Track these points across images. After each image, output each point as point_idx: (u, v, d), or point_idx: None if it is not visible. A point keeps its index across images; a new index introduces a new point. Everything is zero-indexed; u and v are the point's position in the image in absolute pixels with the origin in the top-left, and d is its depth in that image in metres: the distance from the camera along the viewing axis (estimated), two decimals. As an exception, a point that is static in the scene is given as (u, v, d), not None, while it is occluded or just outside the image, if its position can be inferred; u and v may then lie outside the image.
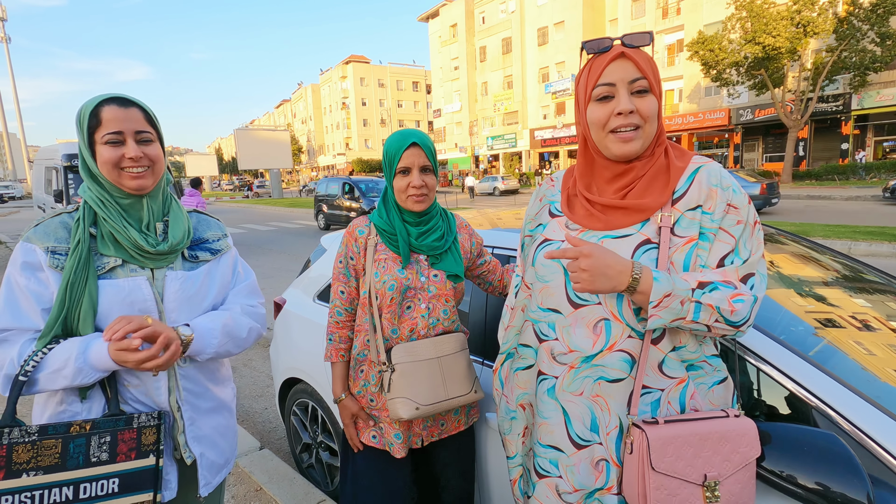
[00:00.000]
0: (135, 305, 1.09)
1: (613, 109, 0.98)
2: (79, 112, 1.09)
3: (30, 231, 1.07)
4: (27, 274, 1.05)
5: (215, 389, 1.25)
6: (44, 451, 0.98)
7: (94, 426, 1.04)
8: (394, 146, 1.40)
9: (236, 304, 1.28)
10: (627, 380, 0.99)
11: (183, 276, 1.17)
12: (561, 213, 1.13)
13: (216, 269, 1.25)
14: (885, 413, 1.02)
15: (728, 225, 0.97)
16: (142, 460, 1.06)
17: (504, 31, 40.58)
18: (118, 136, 1.08)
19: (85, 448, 1.02)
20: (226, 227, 1.36)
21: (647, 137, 0.99)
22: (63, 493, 0.99)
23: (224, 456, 1.27)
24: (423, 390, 1.38)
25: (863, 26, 19.05)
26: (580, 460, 1.03)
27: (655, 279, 0.90)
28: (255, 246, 12.14)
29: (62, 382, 1.02)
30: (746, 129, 26.93)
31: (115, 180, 1.10)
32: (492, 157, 43.38)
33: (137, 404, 1.11)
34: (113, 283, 1.08)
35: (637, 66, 0.97)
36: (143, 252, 1.11)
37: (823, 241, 8.03)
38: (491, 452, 1.57)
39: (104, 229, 1.10)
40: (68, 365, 1.01)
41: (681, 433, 0.94)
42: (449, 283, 1.46)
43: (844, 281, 1.85)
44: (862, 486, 0.90)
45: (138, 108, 1.11)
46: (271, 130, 37.46)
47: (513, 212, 2.59)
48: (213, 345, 1.17)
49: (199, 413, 1.20)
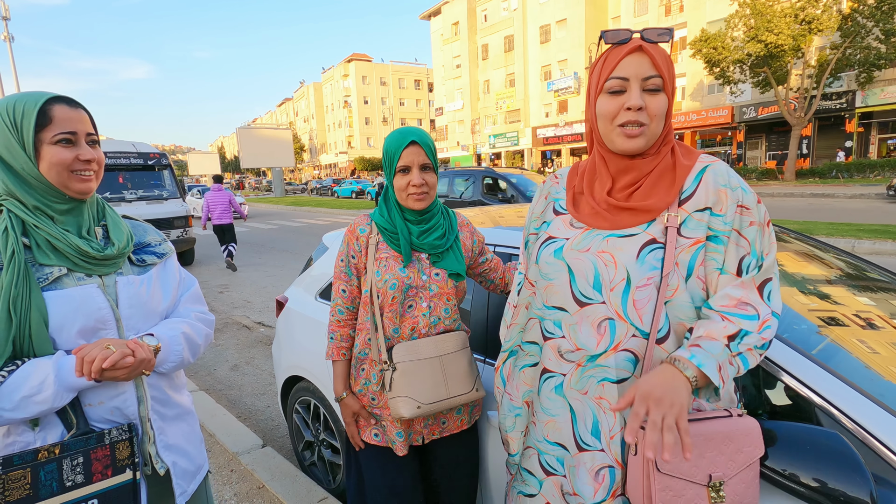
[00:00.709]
0: (90, 315, 1.02)
1: (623, 104, 0.97)
2: (13, 108, 0.99)
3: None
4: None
5: (176, 396, 1.22)
6: (11, 484, 0.90)
7: (64, 448, 0.97)
8: (393, 145, 1.39)
9: (189, 312, 1.25)
10: (632, 379, 0.98)
11: (136, 281, 1.12)
12: (565, 211, 1.12)
13: (164, 272, 1.21)
14: (889, 411, 1.02)
15: (742, 227, 0.96)
16: (118, 476, 1.02)
17: (506, 28, 40.49)
18: (72, 137, 1.02)
19: (57, 473, 0.95)
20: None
21: (651, 136, 0.99)
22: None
23: (195, 463, 1.24)
24: (424, 389, 1.38)
25: (867, 23, 18.94)
26: (580, 464, 1.03)
27: (701, 365, 0.89)
28: (255, 245, 12.16)
29: (36, 409, 0.94)
30: (749, 127, 26.83)
31: (61, 183, 1.02)
32: (494, 155, 43.32)
33: (102, 423, 1.05)
34: (62, 294, 1.00)
35: (653, 62, 0.96)
36: (89, 258, 1.04)
37: (827, 239, 8.00)
38: (492, 451, 1.57)
39: (38, 237, 1.01)
40: (44, 389, 0.94)
41: None
42: (450, 281, 1.46)
43: (848, 279, 1.84)
44: (865, 485, 0.89)
45: (84, 110, 1.06)
46: (273, 129, 37.46)
47: (515, 210, 2.58)
48: (178, 352, 1.14)
49: (167, 421, 1.16)
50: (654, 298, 0.96)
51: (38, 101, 1.00)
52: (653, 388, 0.87)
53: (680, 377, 0.89)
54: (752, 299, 0.94)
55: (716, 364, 0.89)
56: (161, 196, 9.28)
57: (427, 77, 64.69)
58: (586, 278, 1.01)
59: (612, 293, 0.98)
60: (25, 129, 0.98)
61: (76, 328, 1.01)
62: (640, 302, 0.97)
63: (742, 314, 0.93)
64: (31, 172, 1.00)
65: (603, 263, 1.00)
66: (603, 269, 1.00)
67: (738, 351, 0.92)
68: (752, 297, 0.95)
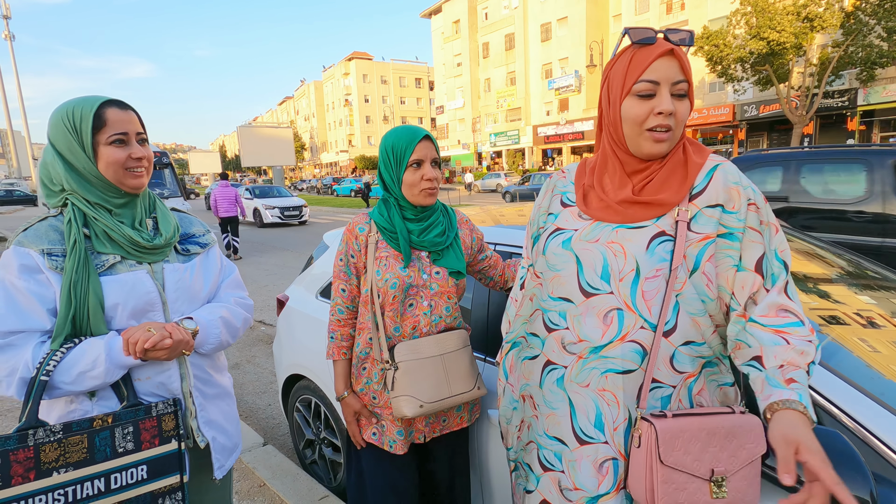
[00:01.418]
0: (140, 298, 1.13)
1: (654, 108, 0.95)
2: (72, 113, 1.09)
3: (20, 235, 1.08)
4: (26, 276, 1.05)
5: (217, 377, 1.32)
6: (71, 447, 1.01)
7: (116, 418, 1.07)
8: (403, 140, 1.38)
9: (229, 297, 1.34)
10: (638, 371, 0.98)
11: (180, 268, 1.22)
12: (573, 203, 1.12)
13: (206, 261, 1.31)
14: (889, 410, 1.02)
15: (754, 224, 0.97)
16: (165, 446, 1.11)
17: (507, 27, 40.43)
18: (124, 137, 1.12)
19: (111, 440, 1.05)
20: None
21: (674, 140, 0.99)
22: (95, 486, 1.02)
23: (232, 440, 1.34)
24: (426, 388, 1.38)
25: (870, 21, 18.87)
26: (581, 457, 1.03)
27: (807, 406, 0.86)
28: (256, 244, 12.16)
29: (91, 383, 1.05)
30: (751, 125, 26.78)
31: (117, 180, 1.13)
32: (495, 153, 43.29)
33: (150, 397, 1.15)
34: (116, 279, 1.11)
35: (682, 66, 0.95)
36: (140, 247, 1.15)
37: (828, 237, 7.98)
38: (492, 448, 1.57)
39: (97, 228, 1.12)
40: (97, 366, 1.04)
41: (689, 427, 0.94)
42: (451, 279, 1.45)
43: (849, 277, 1.84)
44: (865, 483, 0.89)
45: (133, 111, 1.16)
46: (274, 127, 37.43)
47: (515, 208, 2.58)
48: (216, 335, 1.23)
49: (207, 399, 1.26)
50: (662, 290, 0.97)
51: (94, 106, 1.10)
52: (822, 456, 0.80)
53: (807, 421, 0.85)
54: (790, 306, 0.95)
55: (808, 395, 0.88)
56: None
57: (428, 75, 64.66)
58: (594, 269, 1.01)
59: (622, 283, 0.98)
60: (84, 132, 1.09)
61: (128, 309, 1.11)
62: (650, 293, 0.97)
63: (790, 322, 0.93)
64: (91, 171, 1.11)
65: (612, 254, 1.00)
66: (612, 260, 1.00)
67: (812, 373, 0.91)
68: (788, 303, 0.95)
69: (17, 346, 1.04)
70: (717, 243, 0.97)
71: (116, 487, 1.04)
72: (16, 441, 0.96)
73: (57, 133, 1.10)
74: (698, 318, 0.98)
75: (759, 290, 0.96)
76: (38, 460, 0.97)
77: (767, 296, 0.95)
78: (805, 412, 0.85)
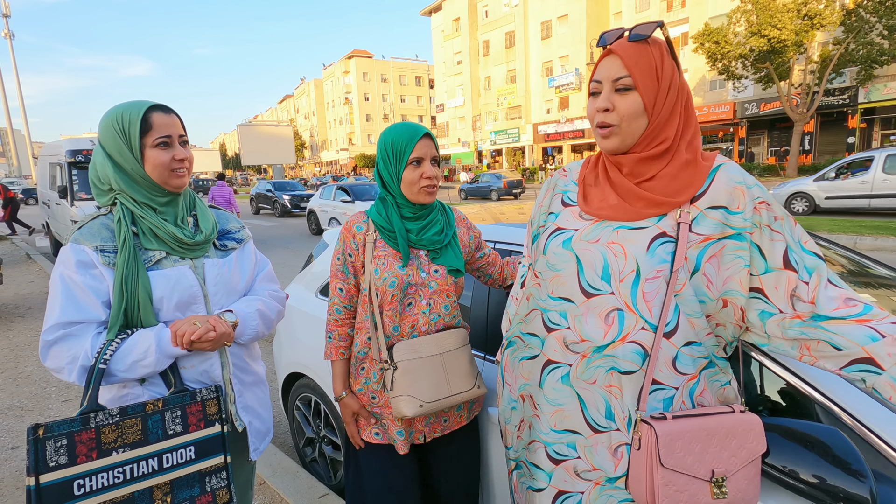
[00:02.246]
0: (184, 291, 1.21)
1: (596, 105, 1.02)
2: (121, 117, 1.17)
3: (76, 233, 1.16)
4: (82, 271, 1.13)
5: (253, 365, 1.40)
6: (127, 429, 1.10)
7: (166, 403, 1.15)
8: (403, 138, 1.37)
9: (264, 290, 1.41)
10: (639, 373, 0.98)
11: (219, 263, 1.31)
12: (574, 203, 1.12)
13: (243, 256, 1.39)
14: (889, 408, 1.02)
15: (769, 222, 0.95)
16: (210, 429, 1.20)
17: (507, 24, 40.37)
18: (168, 140, 1.20)
19: (161, 423, 1.14)
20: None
21: (627, 135, 0.99)
22: (149, 465, 1.11)
23: (266, 425, 1.42)
24: (426, 387, 1.37)
25: (870, 18, 18.83)
26: (598, 443, 1.03)
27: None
28: (258, 242, 12.18)
29: (143, 371, 1.14)
30: (751, 123, 26.76)
31: (162, 181, 1.21)
32: (495, 151, 43.26)
33: (194, 383, 1.24)
34: (162, 274, 1.19)
35: (623, 62, 0.97)
36: (182, 244, 1.23)
37: (829, 236, 7.99)
38: (493, 447, 1.57)
39: (143, 226, 1.20)
40: (149, 356, 1.13)
41: (689, 428, 0.93)
42: (450, 277, 1.45)
43: (850, 276, 1.83)
44: (865, 482, 0.89)
45: (176, 115, 1.23)
46: (274, 126, 37.41)
47: (516, 206, 2.58)
48: (254, 326, 1.31)
49: (245, 386, 1.35)
50: (662, 291, 0.96)
51: (141, 110, 1.17)
52: None
53: None
54: (852, 293, 0.93)
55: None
56: None
57: (428, 73, 64.58)
58: (595, 269, 1.01)
59: (622, 284, 0.98)
60: (132, 136, 1.17)
61: (173, 302, 1.19)
62: (650, 294, 0.96)
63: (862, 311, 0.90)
64: (139, 172, 1.19)
65: (612, 254, 1.00)
66: (612, 260, 0.99)
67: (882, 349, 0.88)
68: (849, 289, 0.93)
69: (78, 336, 1.12)
70: (725, 245, 0.96)
71: (168, 466, 1.13)
72: (79, 423, 1.05)
73: (107, 136, 1.17)
74: (694, 319, 0.97)
75: (797, 285, 0.93)
76: (99, 441, 1.06)
77: (826, 289, 0.92)
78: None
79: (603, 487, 1.04)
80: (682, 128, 1.01)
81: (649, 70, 0.97)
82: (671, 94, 0.98)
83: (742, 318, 0.98)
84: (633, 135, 1.00)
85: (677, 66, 1.00)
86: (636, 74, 0.96)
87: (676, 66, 1.00)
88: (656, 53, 0.98)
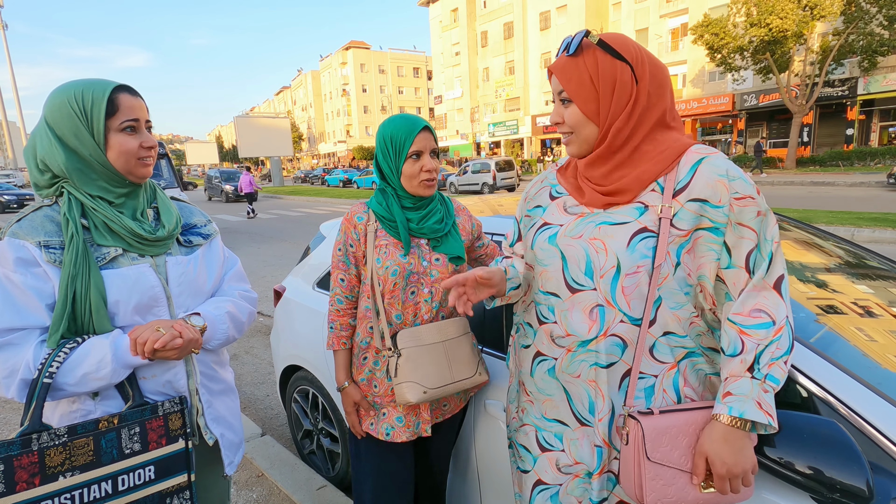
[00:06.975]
0: (144, 293, 1.07)
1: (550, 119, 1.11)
2: (81, 95, 1.01)
3: (13, 227, 1.00)
4: (22, 270, 0.98)
5: (222, 372, 1.28)
6: (76, 450, 0.97)
7: (122, 419, 1.03)
8: (403, 130, 1.37)
9: (233, 290, 1.30)
10: (619, 363, 1.00)
11: (183, 261, 1.17)
12: (560, 195, 1.13)
13: (209, 252, 1.26)
14: (886, 399, 1.02)
15: (747, 219, 0.94)
16: (172, 445, 1.09)
17: (506, 15, 40.05)
18: (135, 124, 1.07)
19: (117, 441, 1.02)
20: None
21: (581, 141, 1.04)
22: (102, 489, 0.99)
23: (238, 435, 1.31)
24: (429, 374, 1.39)
25: (871, 9, 18.73)
26: (582, 436, 1.06)
27: (742, 413, 0.89)
28: (255, 234, 12.15)
29: (96, 385, 1.00)
30: (750, 115, 26.68)
31: (127, 170, 1.07)
32: (493, 143, 43.12)
33: (155, 395, 1.11)
34: (118, 273, 1.05)
35: (559, 78, 1.03)
36: (142, 239, 1.09)
37: (826, 228, 8.00)
38: (489, 441, 1.58)
39: (96, 219, 1.05)
40: (103, 367, 0.99)
41: (675, 423, 0.95)
42: (451, 266, 1.46)
43: (847, 267, 1.83)
44: (861, 473, 0.89)
45: (141, 98, 1.10)
46: (271, 118, 37.21)
47: (514, 198, 2.57)
48: (223, 330, 1.19)
49: (213, 395, 1.23)
50: (642, 285, 0.97)
51: (106, 90, 1.03)
52: (730, 465, 0.91)
53: (737, 433, 0.91)
54: (766, 305, 0.93)
55: (753, 402, 0.89)
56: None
57: (426, 65, 64.13)
58: (578, 265, 1.02)
59: (602, 280, 0.99)
60: (96, 117, 1.02)
61: (132, 305, 1.06)
62: (629, 289, 0.97)
63: (757, 323, 0.92)
64: (99, 159, 1.04)
65: (594, 250, 1.00)
66: (594, 256, 1.00)
67: (762, 376, 0.90)
68: (766, 301, 0.93)
69: (17, 345, 0.98)
70: (702, 235, 0.95)
71: (124, 489, 1.02)
72: (19, 446, 0.92)
73: (60, 116, 1.01)
74: (678, 311, 0.98)
75: (745, 286, 0.95)
76: (43, 465, 0.94)
77: (746, 293, 0.94)
78: (732, 422, 0.91)
79: (581, 480, 1.07)
80: (637, 123, 1.00)
81: (581, 81, 1.00)
82: (618, 94, 0.98)
83: (713, 303, 0.99)
84: (588, 140, 1.04)
85: (627, 63, 0.98)
86: (569, 88, 1.01)
87: (627, 64, 0.98)
88: (590, 62, 0.99)
